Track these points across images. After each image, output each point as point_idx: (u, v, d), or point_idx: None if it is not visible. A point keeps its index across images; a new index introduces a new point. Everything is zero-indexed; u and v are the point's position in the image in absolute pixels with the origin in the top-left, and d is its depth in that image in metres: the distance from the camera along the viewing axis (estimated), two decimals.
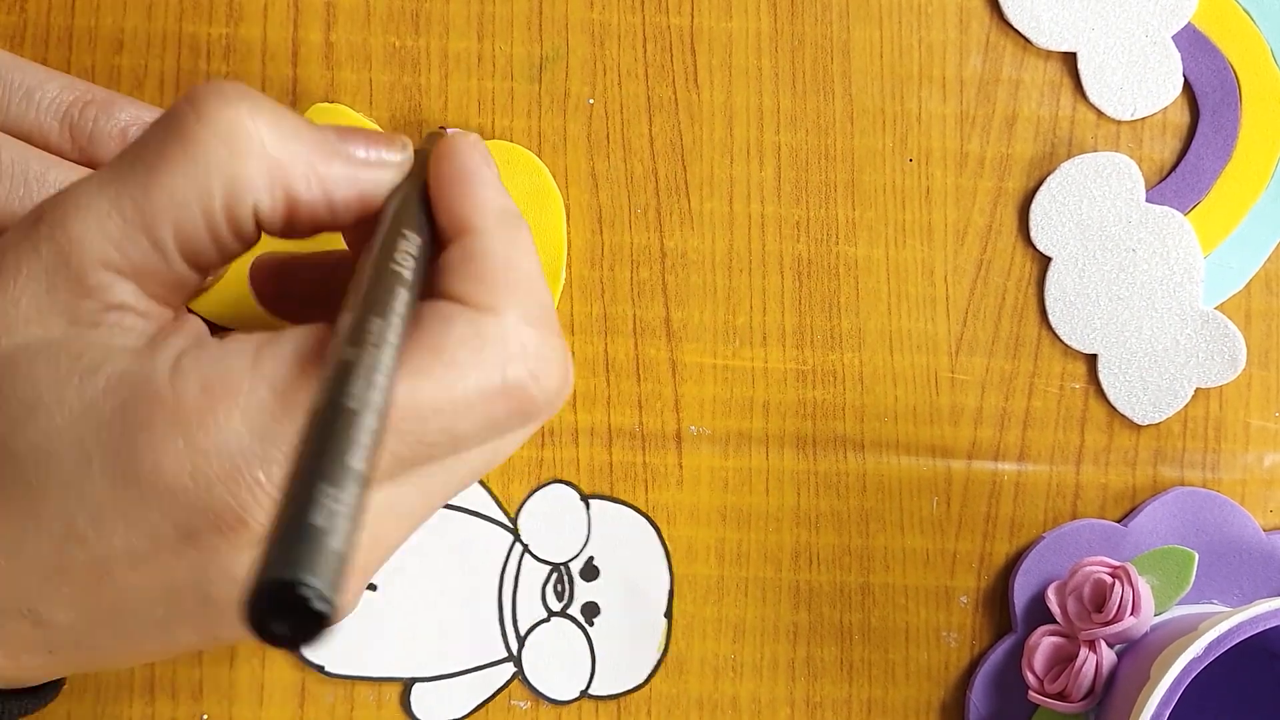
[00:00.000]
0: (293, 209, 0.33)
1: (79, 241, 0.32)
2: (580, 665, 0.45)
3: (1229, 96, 0.45)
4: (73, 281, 0.32)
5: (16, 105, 0.40)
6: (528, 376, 0.33)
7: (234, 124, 0.32)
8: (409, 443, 0.32)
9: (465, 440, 0.33)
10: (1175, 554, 0.44)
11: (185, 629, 0.33)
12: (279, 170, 0.32)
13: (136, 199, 0.32)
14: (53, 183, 0.39)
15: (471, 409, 0.32)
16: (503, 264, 0.33)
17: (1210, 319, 0.45)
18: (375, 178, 0.34)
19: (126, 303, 0.33)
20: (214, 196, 0.32)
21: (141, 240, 0.32)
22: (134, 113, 0.41)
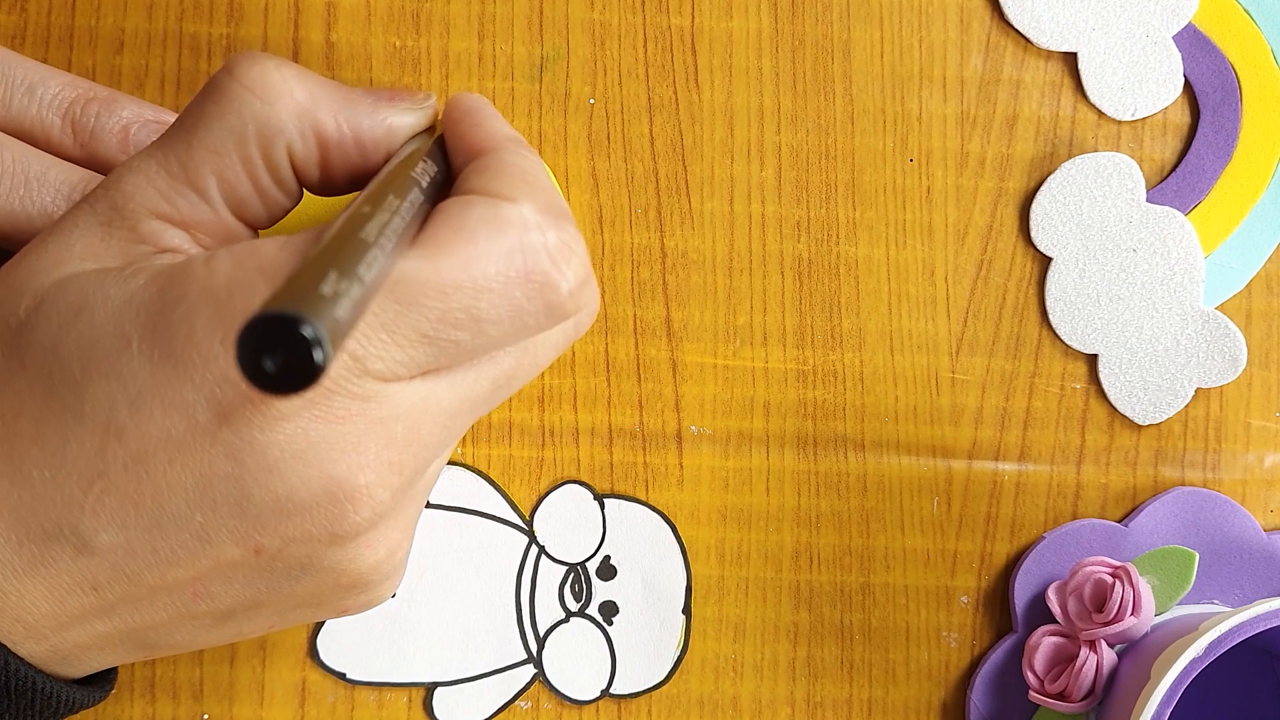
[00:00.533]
0: (324, 150, 0.35)
1: (130, 195, 0.34)
2: (601, 665, 0.45)
3: (1229, 96, 0.45)
4: (127, 229, 0.34)
5: (19, 101, 0.40)
6: (548, 262, 0.33)
7: (263, 75, 0.34)
8: (431, 319, 0.32)
9: (490, 326, 0.33)
10: (1176, 554, 0.44)
11: (226, 543, 0.32)
12: (308, 113, 0.35)
13: (180, 155, 0.34)
14: (53, 182, 0.39)
15: (492, 289, 0.32)
16: (518, 167, 0.34)
17: (1211, 319, 0.45)
18: (401, 119, 0.36)
19: (179, 247, 0.34)
20: (249, 141, 0.34)
21: (188, 192, 0.34)
22: (136, 110, 0.41)
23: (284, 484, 0.32)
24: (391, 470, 0.33)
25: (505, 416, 0.44)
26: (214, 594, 0.34)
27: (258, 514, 0.32)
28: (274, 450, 0.31)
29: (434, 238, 0.32)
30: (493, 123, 0.36)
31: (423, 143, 0.36)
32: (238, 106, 0.34)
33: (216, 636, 0.35)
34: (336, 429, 0.32)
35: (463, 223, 0.33)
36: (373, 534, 0.34)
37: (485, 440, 0.44)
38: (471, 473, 0.44)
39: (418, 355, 0.32)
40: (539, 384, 0.44)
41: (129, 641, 0.35)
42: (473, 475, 0.44)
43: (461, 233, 0.32)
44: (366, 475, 0.32)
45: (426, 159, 0.35)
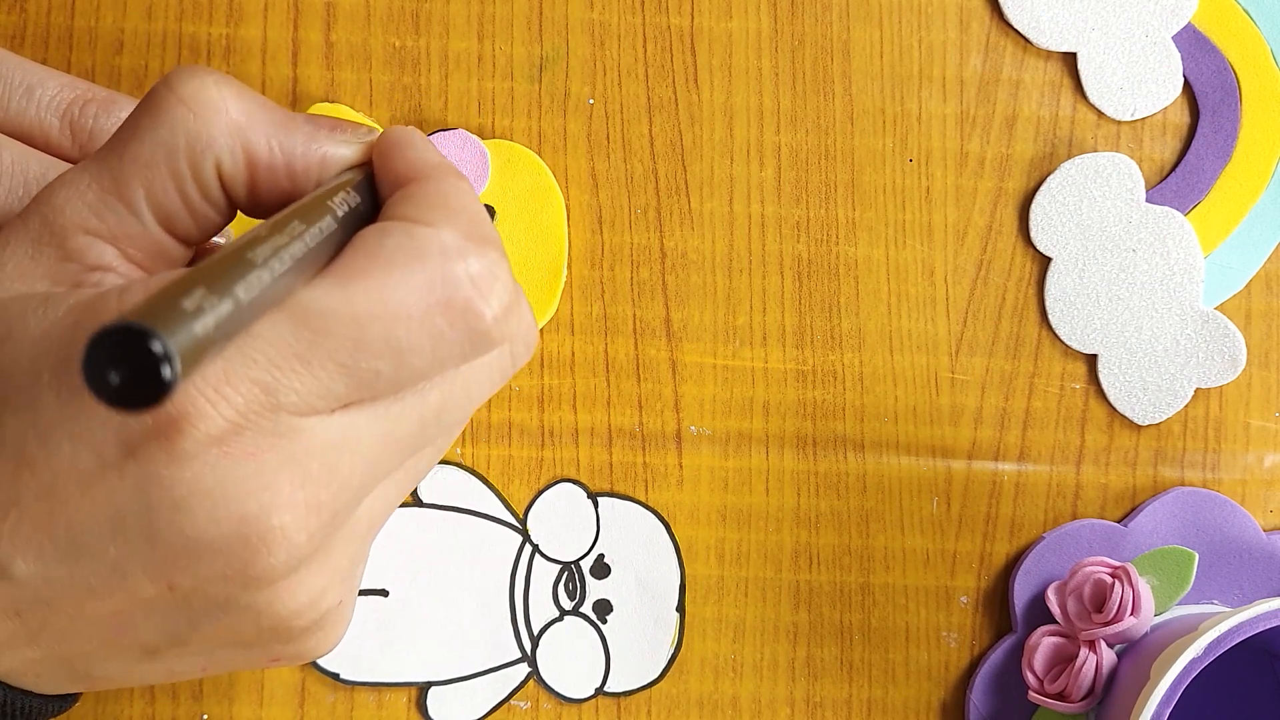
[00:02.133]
0: (254, 171, 0.34)
1: (60, 209, 0.34)
2: (595, 663, 0.45)
3: (1229, 97, 0.45)
4: (54, 246, 0.33)
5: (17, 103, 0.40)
6: (471, 289, 0.32)
7: (199, 90, 0.34)
8: (349, 349, 0.31)
9: (411, 356, 0.32)
10: (1175, 554, 0.44)
11: (140, 578, 0.32)
12: (239, 132, 0.34)
13: (111, 167, 0.34)
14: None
15: (411, 317, 0.31)
16: (439, 194, 0.33)
17: (1210, 319, 0.45)
18: (335, 151, 0.35)
19: (108, 263, 0.34)
20: (178, 154, 0.34)
21: (116, 205, 0.34)
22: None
23: (193, 523, 0.31)
24: (309, 511, 0.32)
25: (505, 417, 0.44)
26: (136, 626, 0.33)
27: (168, 551, 0.31)
28: (180, 488, 0.31)
29: (348, 265, 0.32)
30: (420, 152, 0.35)
31: (352, 175, 0.35)
32: (170, 120, 0.34)
33: (150, 672, 0.35)
34: (247, 466, 0.31)
35: (378, 250, 0.32)
36: (293, 578, 0.32)
37: (485, 440, 0.44)
38: (465, 471, 0.44)
39: (335, 386, 0.31)
40: (538, 384, 0.44)
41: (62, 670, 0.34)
42: (466, 474, 0.44)
43: (377, 260, 0.32)
44: (280, 516, 0.31)
45: (350, 190, 0.34)
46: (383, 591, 0.44)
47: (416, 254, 0.32)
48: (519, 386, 0.44)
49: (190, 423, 0.30)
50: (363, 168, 0.36)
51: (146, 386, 0.24)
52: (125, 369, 0.24)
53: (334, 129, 0.36)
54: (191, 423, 0.30)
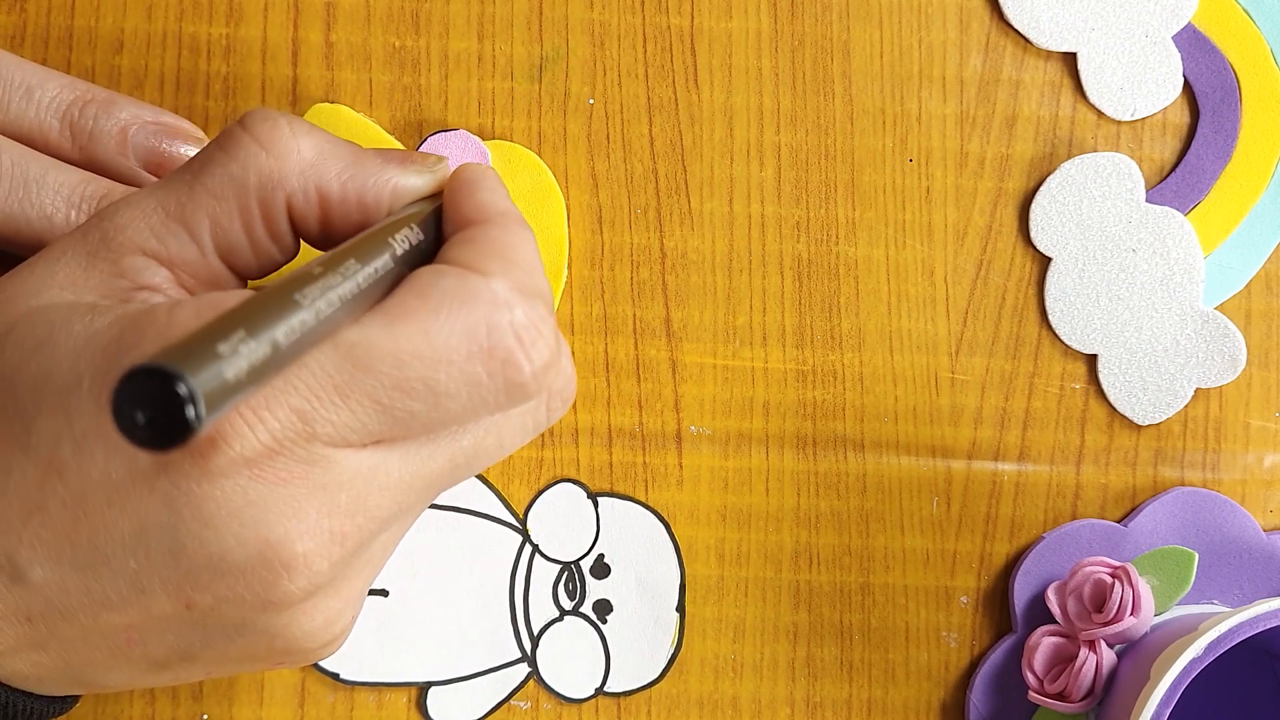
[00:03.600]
0: (325, 208, 0.35)
1: (122, 228, 0.34)
2: (595, 663, 0.45)
3: (1229, 97, 0.45)
4: (110, 261, 0.34)
5: (17, 104, 0.40)
6: (514, 340, 0.32)
7: (273, 130, 0.35)
8: (386, 387, 0.31)
9: (447, 400, 0.32)
10: (1175, 554, 0.44)
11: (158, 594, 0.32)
12: (311, 169, 0.35)
13: (179, 194, 0.34)
14: (52, 185, 0.39)
15: (452, 362, 0.32)
16: (500, 242, 0.34)
17: (1210, 319, 0.45)
18: (408, 182, 0.36)
19: (159, 286, 0.34)
20: (249, 190, 0.34)
21: (179, 230, 0.34)
22: (134, 112, 0.41)
23: (218, 541, 0.31)
24: (333, 541, 0.32)
25: None
26: (147, 641, 0.33)
27: (190, 568, 0.31)
28: (210, 505, 0.31)
29: (398, 304, 0.32)
30: (488, 195, 0.36)
31: (421, 208, 0.36)
32: (243, 156, 0.34)
33: (155, 680, 0.35)
34: (277, 491, 0.31)
35: (429, 291, 0.32)
36: (309, 603, 0.33)
37: None
38: None
39: (369, 422, 0.32)
40: None
41: (66, 676, 0.34)
42: None
43: (427, 301, 0.32)
44: (304, 543, 0.32)
45: (414, 226, 0.35)
46: (383, 592, 0.44)
47: (465, 300, 0.32)
48: None
49: (226, 442, 0.30)
50: (433, 199, 0.36)
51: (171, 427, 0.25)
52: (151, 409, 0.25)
53: (404, 162, 0.36)
54: (227, 442, 0.30)
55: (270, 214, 0.35)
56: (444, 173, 0.37)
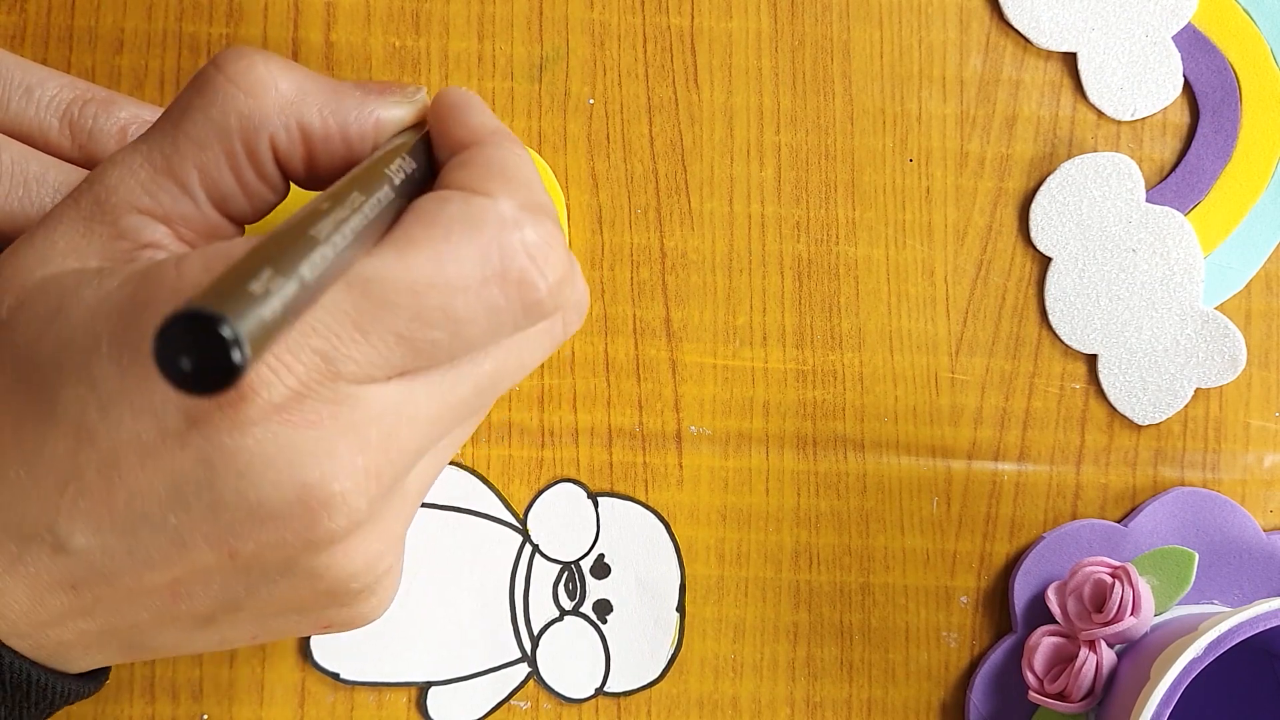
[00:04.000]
0: (309, 144, 0.35)
1: (113, 189, 0.34)
2: (595, 663, 0.45)
3: (1229, 97, 0.45)
4: (107, 224, 0.34)
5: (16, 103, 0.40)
6: (526, 260, 0.32)
7: (249, 69, 0.34)
8: (406, 320, 0.31)
9: (467, 326, 0.32)
10: (1175, 554, 0.44)
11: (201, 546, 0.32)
12: (292, 106, 0.34)
13: (164, 148, 0.34)
14: (52, 183, 0.39)
15: (468, 288, 0.32)
16: (499, 162, 0.34)
17: (1210, 319, 0.45)
18: (390, 113, 0.36)
19: (159, 242, 0.34)
20: (231, 134, 0.34)
21: (170, 185, 0.34)
22: (133, 111, 0.41)
23: (255, 490, 0.31)
24: (368, 477, 0.32)
25: (504, 417, 0.44)
26: (193, 595, 0.33)
27: (231, 519, 0.32)
28: (244, 455, 0.31)
29: (407, 234, 0.32)
30: (478, 116, 0.36)
31: (407, 138, 0.36)
32: (221, 100, 0.34)
33: (203, 641, 0.35)
34: (308, 434, 0.31)
35: (436, 219, 0.32)
36: (350, 541, 0.33)
37: (485, 441, 0.44)
38: (465, 471, 0.44)
39: (392, 356, 0.32)
40: (538, 384, 0.44)
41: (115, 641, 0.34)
42: (466, 474, 0.44)
43: (435, 229, 0.32)
44: (341, 482, 0.32)
45: (406, 156, 0.34)
46: None
47: (474, 224, 0.32)
48: (519, 387, 0.44)
49: (254, 390, 0.30)
50: (418, 128, 0.36)
51: (218, 371, 0.25)
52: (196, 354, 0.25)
53: (384, 91, 0.36)
54: (255, 390, 0.30)
55: (256, 156, 0.34)
56: (424, 101, 0.37)
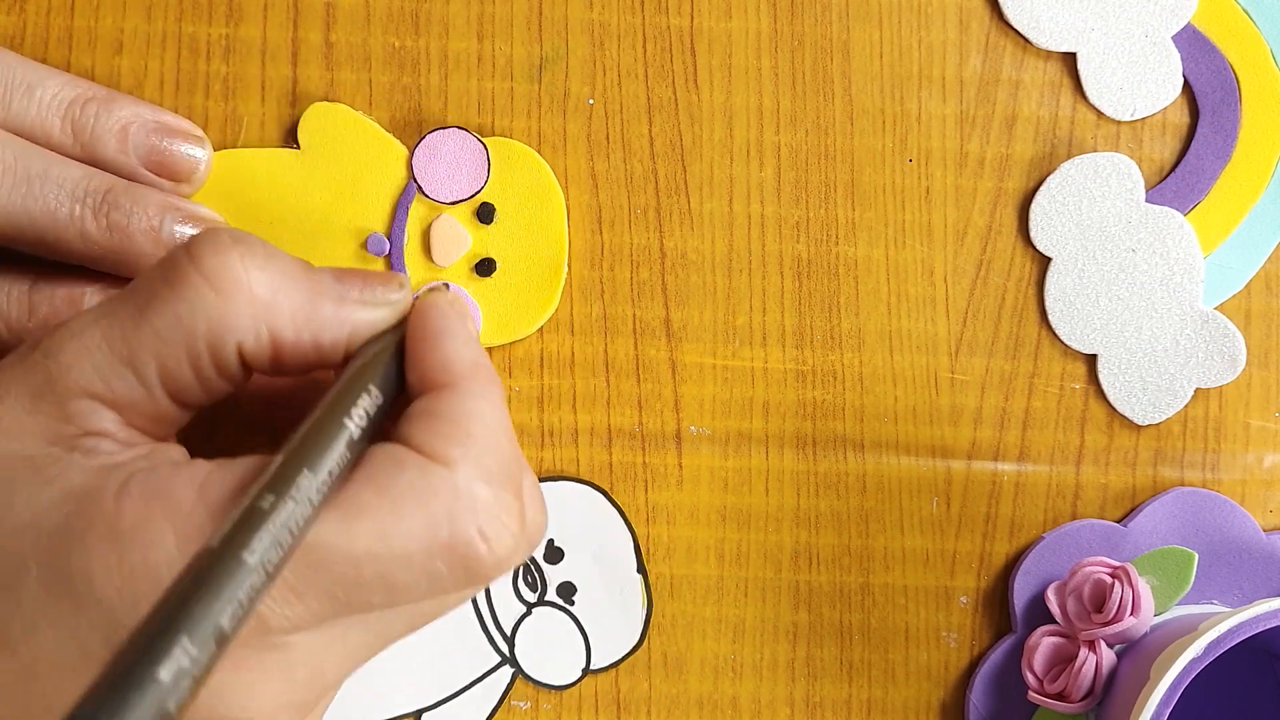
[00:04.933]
0: (278, 348, 0.34)
1: (67, 369, 0.33)
2: (574, 645, 0.45)
3: (1229, 97, 0.45)
4: (55, 405, 0.33)
5: (19, 102, 0.40)
6: (475, 535, 0.32)
7: (223, 267, 0.33)
8: (343, 585, 0.31)
9: (404, 592, 0.32)
10: (1175, 554, 0.44)
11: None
12: (265, 312, 0.33)
13: (126, 333, 0.33)
14: (54, 179, 0.39)
15: (410, 561, 0.31)
16: (465, 417, 0.33)
17: (1210, 319, 0.45)
18: (367, 318, 0.35)
19: (105, 429, 0.33)
20: (198, 336, 0.33)
21: (126, 373, 0.33)
22: (134, 110, 0.41)
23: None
24: (291, 710, 0.32)
25: None
26: None
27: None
28: None
29: (356, 499, 0.31)
30: (454, 347, 0.34)
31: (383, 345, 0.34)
32: (191, 296, 0.33)
33: None
34: (234, 678, 0.31)
35: (388, 487, 0.31)
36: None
37: None
38: None
39: (325, 612, 0.31)
40: (538, 384, 0.44)
41: None
42: None
43: (385, 499, 0.31)
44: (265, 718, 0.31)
45: (372, 389, 0.33)
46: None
47: (426, 495, 0.32)
48: (519, 387, 0.44)
49: None
50: (396, 330, 0.35)
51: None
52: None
53: (364, 288, 0.35)
54: None
55: (219, 357, 0.33)
56: (405, 302, 0.35)
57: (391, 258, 0.44)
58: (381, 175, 0.44)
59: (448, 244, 0.44)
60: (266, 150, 0.44)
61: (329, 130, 0.44)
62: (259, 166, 0.44)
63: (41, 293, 0.40)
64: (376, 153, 0.44)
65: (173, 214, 0.40)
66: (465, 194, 0.44)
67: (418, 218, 0.44)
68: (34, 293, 0.40)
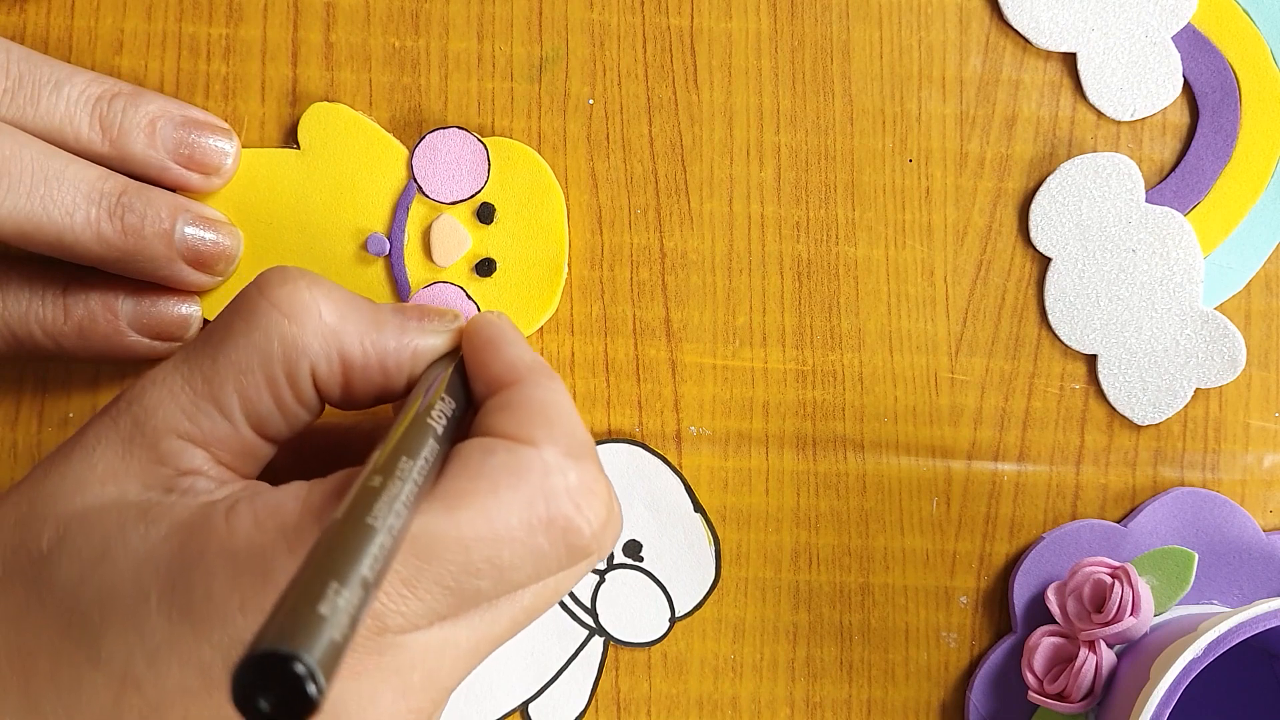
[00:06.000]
0: (348, 373, 0.35)
1: (153, 412, 0.34)
2: (655, 599, 0.45)
3: (1229, 97, 0.45)
4: (147, 448, 0.34)
5: (46, 99, 0.40)
6: (571, 508, 0.33)
7: (292, 294, 0.35)
8: (453, 573, 0.32)
9: (512, 573, 0.33)
10: (1175, 554, 0.44)
11: None
12: (333, 335, 0.35)
13: (205, 371, 0.34)
14: (71, 179, 0.39)
15: (515, 539, 0.32)
16: (539, 404, 0.34)
17: (1210, 319, 0.45)
18: (427, 343, 0.36)
19: (199, 468, 0.34)
20: (274, 361, 0.34)
21: (210, 409, 0.34)
22: (161, 105, 0.42)
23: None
24: (410, 716, 0.33)
25: None
26: None
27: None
28: None
29: (454, 488, 0.32)
30: (514, 350, 0.36)
31: (443, 367, 0.36)
32: (265, 325, 0.34)
33: None
34: (352, 685, 0.32)
35: (482, 470, 0.33)
36: None
37: None
38: None
39: (438, 605, 0.32)
40: None
41: None
42: None
43: (481, 481, 0.32)
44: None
45: (445, 397, 0.35)
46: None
47: (519, 474, 0.33)
48: None
49: None
50: (452, 356, 0.37)
51: (295, 705, 0.25)
52: (272, 693, 0.25)
53: (422, 319, 0.37)
54: None
55: (296, 381, 0.35)
56: (458, 327, 0.37)
57: (391, 258, 0.44)
58: (381, 175, 0.44)
59: (448, 244, 0.44)
60: (266, 150, 0.44)
61: (329, 130, 0.44)
62: (259, 166, 0.44)
63: (75, 296, 0.41)
64: (376, 153, 0.44)
65: (184, 215, 0.41)
66: (465, 194, 0.44)
67: (418, 218, 0.44)
68: (68, 296, 0.41)
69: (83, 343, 0.41)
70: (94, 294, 0.41)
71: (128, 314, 0.41)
